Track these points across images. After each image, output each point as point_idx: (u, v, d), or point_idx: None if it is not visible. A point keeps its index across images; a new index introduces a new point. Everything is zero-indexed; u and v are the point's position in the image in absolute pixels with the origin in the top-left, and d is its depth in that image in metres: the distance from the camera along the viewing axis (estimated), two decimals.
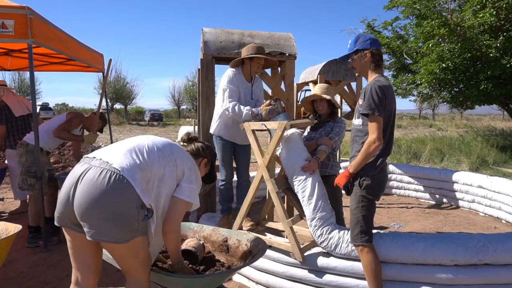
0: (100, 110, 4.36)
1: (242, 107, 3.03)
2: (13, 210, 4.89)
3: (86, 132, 4.28)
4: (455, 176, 5.34)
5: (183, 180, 1.86)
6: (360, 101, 2.34)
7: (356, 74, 2.49)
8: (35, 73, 7.26)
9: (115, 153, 1.72)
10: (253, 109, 2.99)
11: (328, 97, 3.00)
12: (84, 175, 1.63)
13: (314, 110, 3.17)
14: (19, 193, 4.60)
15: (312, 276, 2.58)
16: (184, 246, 2.16)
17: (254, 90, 3.31)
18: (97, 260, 1.83)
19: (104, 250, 1.86)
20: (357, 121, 2.43)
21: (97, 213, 1.58)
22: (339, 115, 6.29)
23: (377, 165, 2.32)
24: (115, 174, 1.61)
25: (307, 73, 5.80)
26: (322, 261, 2.57)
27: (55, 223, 1.74)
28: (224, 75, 3.21)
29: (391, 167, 6.15)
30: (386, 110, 2.27)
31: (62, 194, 1.69)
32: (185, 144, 2.20)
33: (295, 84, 3.89)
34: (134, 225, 1.63)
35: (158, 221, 1.79)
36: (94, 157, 1.71)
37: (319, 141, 2.94)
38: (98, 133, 4.22)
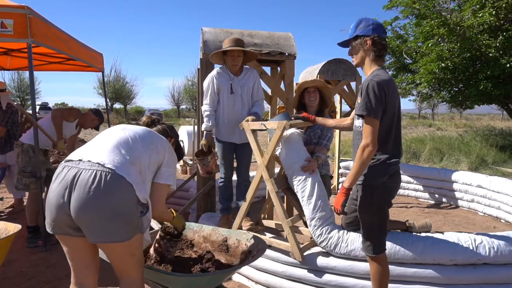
0: (100, 109, 4.38)
1: (209, 119, 3.21)
2: (9, 208, 4.89)
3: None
4: (455, 176, 5.35)
5: (163, 165, 1.89)
6: (359, 99, 2.09)
7: (354, 63, 2.21)
8: (35, 72, 7.25)
9: (102, 152, 1.67)
10: (206, 131, 3.21)
11: (320, 84, 2.94)
12: (78, 180, 1.57)
13: (298, 105, 3.11)
14: (16, 192, 4.62)
15: (311, 276, 2.58)
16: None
17: (244, 83, 3.24)
18: (96, 259, 1.83)
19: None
20: (358, 122, 2.20)
21: (99, 216, 1.56)
22: (338, 115, 6.33)
23: (389, 169, 2.10)
24: (110, 174, 1.58)
25: (306, 72, 5.80)
26: (321, 260, 2.57)
27: (49, 231, 1.67)
28: (208, 76, 3.25)
29: None
30: (389, 107, 2.04)
31: (53, 200, 1.61)
32: (148, 125, 2.17)
33: (294, 84, 3.88)
34: (135, 222, 1.64)
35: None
36: (81, 160, 1.64)
37: (316, 150, 2.96)
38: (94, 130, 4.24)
